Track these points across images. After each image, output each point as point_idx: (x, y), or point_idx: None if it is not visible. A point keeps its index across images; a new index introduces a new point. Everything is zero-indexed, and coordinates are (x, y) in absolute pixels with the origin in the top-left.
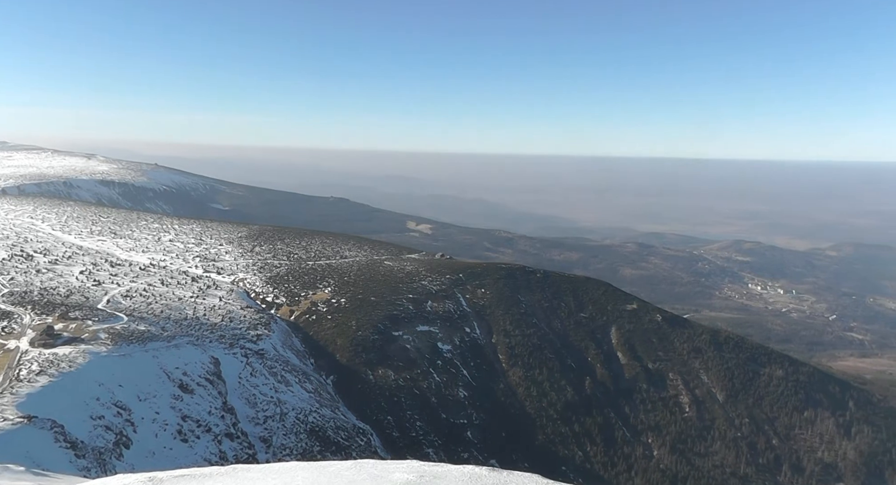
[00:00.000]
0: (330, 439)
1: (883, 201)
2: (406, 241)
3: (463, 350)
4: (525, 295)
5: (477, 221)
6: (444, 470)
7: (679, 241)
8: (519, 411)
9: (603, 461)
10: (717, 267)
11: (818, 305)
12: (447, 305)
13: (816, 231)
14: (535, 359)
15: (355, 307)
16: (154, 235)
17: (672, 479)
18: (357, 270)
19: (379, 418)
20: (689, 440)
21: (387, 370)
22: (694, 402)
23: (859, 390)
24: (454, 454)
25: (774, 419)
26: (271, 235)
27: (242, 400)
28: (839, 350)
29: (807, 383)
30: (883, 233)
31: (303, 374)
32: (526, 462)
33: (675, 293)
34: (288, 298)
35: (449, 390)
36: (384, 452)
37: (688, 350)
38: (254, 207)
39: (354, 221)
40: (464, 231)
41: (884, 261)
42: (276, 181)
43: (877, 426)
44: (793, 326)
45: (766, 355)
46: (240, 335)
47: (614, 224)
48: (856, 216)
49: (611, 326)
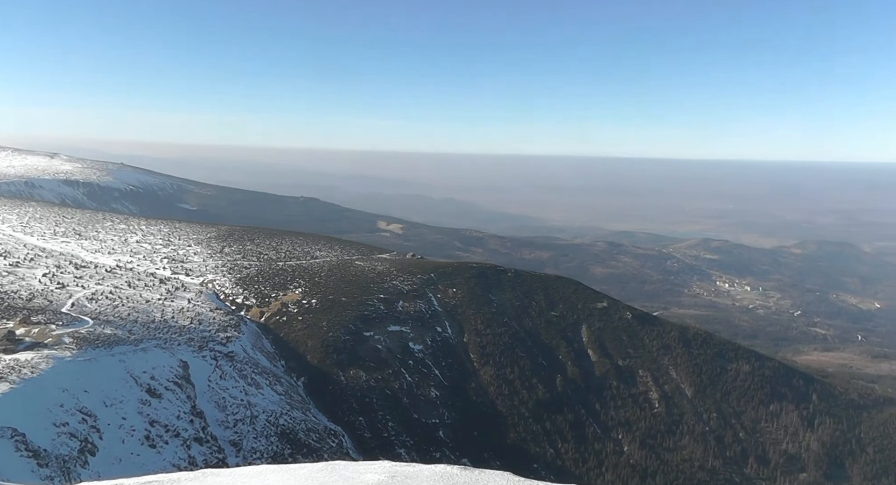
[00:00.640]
0: (301, 442)
1: (845, 200)
2: (377, 241)
3: (434, 350)
4: (496, 294)
5: (447, 220)
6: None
7: (648, 239)
8: (491, 410)
9: (574, 458)
10: (686, 265)
11: (783, 302)
12: (418, 304)
13: (781, 229)
14: (507, 358)
15: (326, 308)
16: (120, 236)
17: (642, 474)
18: (328, 271)
19: (350, 419)
20: (659, 435)
21: (358, 371)
22: (663, 398)
23: (822, 384)
24: (426, 454)
25: (741, 413)
26: (241, 235)
27: (212, 404)
28: (803, 345)
29: (772, 377)
30: (845, 231)
31: (273, 376)
32: (498, 460)
33: (645, 291)
34: (258, 300)
35: (421, 389)
36: (356, 453)
37: (657, 347)
38: (223, 207)
39: (324, 221)
40: (434, 231)
41: (845, 258)
42: (245, 181)
43: (838, 418)
44: (759, 322)
45: (733, 351)
46: (209, 338)
47: (584, 223)
48: (819, 215)
49: (581, 324)
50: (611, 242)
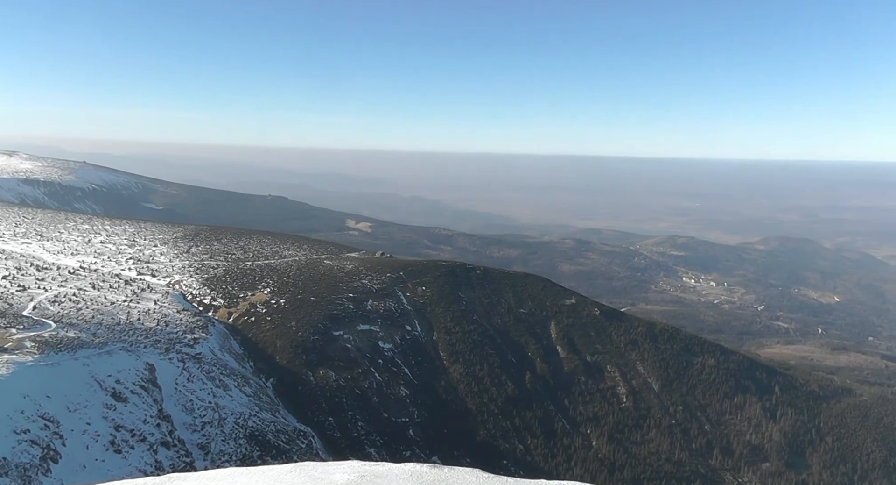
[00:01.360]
0: (270, 443)
1: (806, 197)
2: (345, 239)
3: (404, 348)
4: (465, 292)
5: (416, 218)
6: (384, 469)
7: (616, 237)
8: (460, 408)
9: (543, 453)
10: (653, 262)
11: (747, 297)
12: (388, 303)
13: (745, 226)
14: (476, 355)
15: (295, 308)
16: (84, 236)
17: (610, 467)
18: (296, 270)
19: (320, 419)
20: (626, 429)
21: (327, 371)
22: (631, 392)
23: (784, 376)
24: (396, 453)
25: (706, 406)
26: (208, 235)
27: (179, 407)
28: (766, 338)
29: (736, 370)
30: (806, 227)
31: (242, 377)
32: (468, 458)
33: (613, 288)
34: (226, 300)
35: (390, 388)
36: (326, 454)
37: (625, 342)
38: (189, 207)
39: (293, 219)
40: (403, 229)
41: (807, 254)
42: (212, 179)
43: (799, 409)
44: (724, 316)
45: (698, 345)
46: (176, 339)
47: (552, 221)
48: (781, 212)
49: (550, 320)
50: (579, 239)
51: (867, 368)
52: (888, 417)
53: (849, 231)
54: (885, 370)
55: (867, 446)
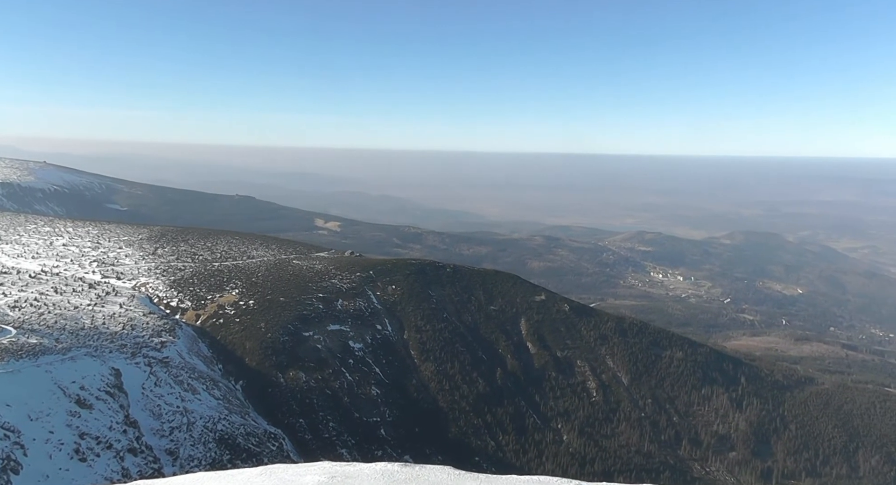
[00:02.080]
0: (240, 447)
1: (770, 193)
2: (314, 239)
3: (375, 348)
4: (435, 290)
5: (385, 217)
6: (355, 469)
7: (584, 233)
8: (432, 406)
9: (515, 449)
10: (621, 257)
11: (714, 290)
12: (358, 302)
13: (711, 222)
14: (447, 353)
15: (264, 309)
16: (45, 239)
17: (581, 461)
18: (265, 271)
19: (291, 421)
20: (597, 423)
21: (298, 372)
22: (601, 386)
23: (750, 367)
24: (368, 453)
25: (675, 398)
26: (174, 236)
27: (146, 412)
28: (733, 331)
29: (704, 362)
30: (769, 221)
31: (211, 380)
32: (440, 455)
33: (582, 284)
34: (193, 302)
35: (361, 388)
36: (297, 455)
37: (594, 338)
38: (154, 207)
39: (261, 219)
40: (372, 228)
41: (770, 247)
42: (178, 179)
43: (764, 398)
44: (691, 310)
45: (667, 339)
46: (143, 343)
47: (521, 218)
48: (746, 207)
49: (520, 317)
50: (548, 236)
51: (828, 357)
52: (848, 404)
53: (811, 225)
54: (845, 359)
55: (828, 432)
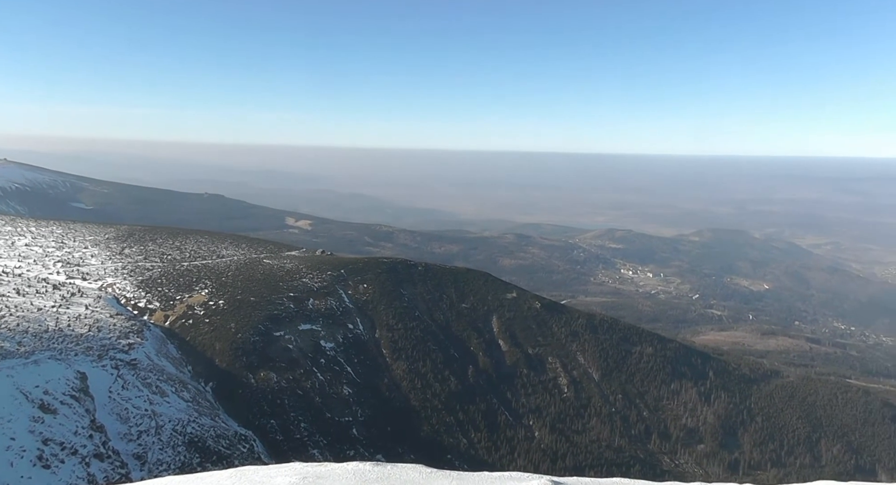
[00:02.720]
0: (210, 449)
1: (738, 191)
2: (285, 237)
3: (346, 347)
4: (407, 288)
5: (357, 215)
6: (327, 470)
7: (555, 231)
8: (404, 405)
9: (487, 446)
10: (592, 254)
11: (683, 286)
12: (329, 301)
13: (680, 219)
14: (419, 351)
15: (234, 309)
16: (6, 239)
17: (552, 457)
18: (235, 270)
19: (262, 422)
20: (568, 419)
21: (269, 372)
22: (572, 382)
23: (717, 361)
24: (340, 453)
25: (645, 393)
26: (142, 235)
27: (113, 416)
28: (701, 326)
29: (673, 357)
30: (737, 219)
31: (180, 382)
32: (412, 454)
33: (553, 281)
34: (162, 303)
35: (333, 388)
36: (268, 457)
37: (565, 334)
38: (121, 206)
39: (230, 218)
40: (344, 226)
41: (738, 244)
42: (145, 177)
43: (731, 392)
44: (661, 306)
45: (637, 335)
46: (109, 346)
47: (493, 216)
48: (714, 205)
49: (492, 315)
50: (519, 234)
51: (793, 350)
52: (811, 395)
53: (777, 222)
54: (809, 352)
55: (793, 423)
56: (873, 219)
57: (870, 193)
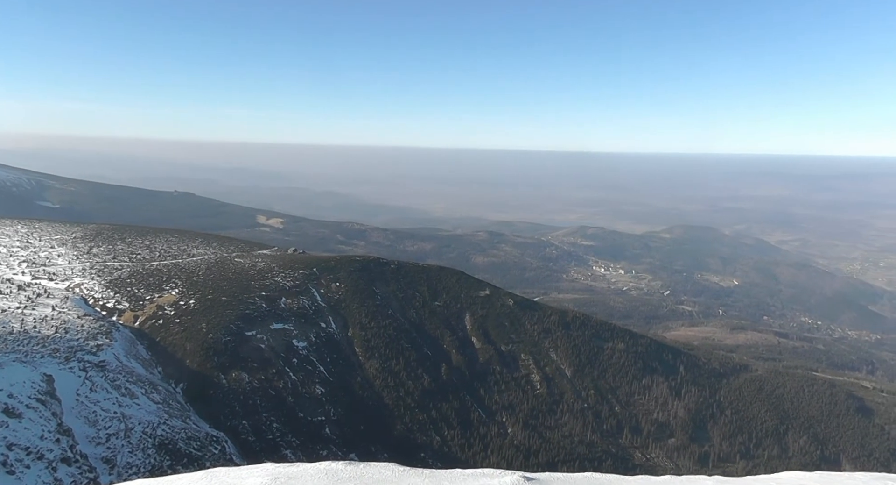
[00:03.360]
0: (181, 452)
1: (708, 188)
2: (257, 236)
3: (319, 346)
4: (380, 287)
5: (329, 213)
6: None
7: (528, 228)
8: (377, 403)
9: (460, 444)
10: (564, 252)
11: (654, 283)
12: (301, 300)
13: (652, 216)
14: (392, 350)
15: (205, 309)
16: None
17: (525, 453)
18: (206, 269)
19: (233, 423)
20: (541, 415)
21: (240, 373)
22: (544, 379)
23: (688, 356)
24: (313, 453)
25: (616, 388)
26: (110, 234)
27: (81, 419)
28: (672, 322)
29: (644, 353)
30: (708, 216)
31: (150, 384)
32: (386, 453)
33: (526, 278)
34: (131, 303)
35: (306, 387)
36: (240, 458)
37: (538, 331)
38: (88, 204)
39: (201, 216)
40: (316, 224)
41: (708, 241)
42: (114, 175)
43: (702, 386)
44: (632, 302)
45: (609, 331)
46: (77, 347)
47: (465, 214)
48: (685, 202)
49: (465, 312)
50: (492, 231)
51: (762, 345)
52: (779, 389)
53: (746, 219)
54: (777, 346)
55: (761, 416)
56: (839, 216)
57: (836, 190)
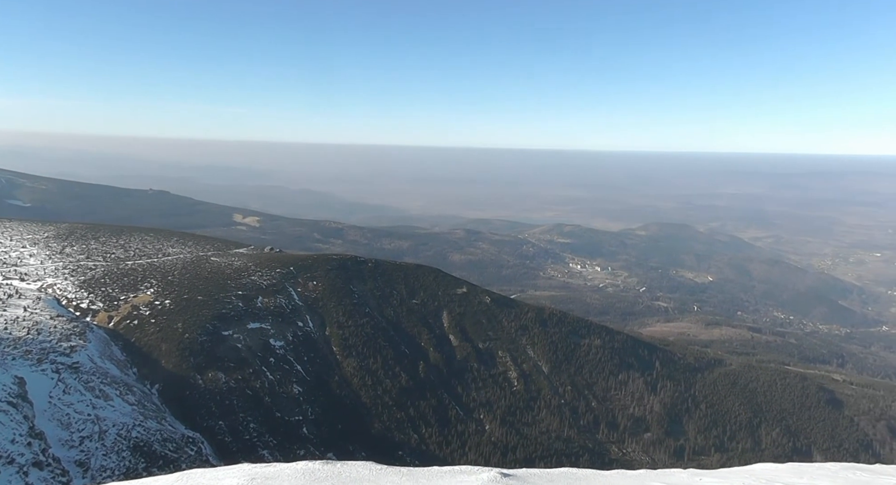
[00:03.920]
0: (157, 454)
1: (683, 186)
2: (233, 235)
3: (296, 345)
4: (357, 285)
5: (306, 212)
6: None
7: (505, 226)
8: (354, 402)
9: (438, 441)
10: (541, 249)
11: (630, 279)
12: (278, 299)
13: (628, 214)
14: (369, 348)
15: (181, 308)
16: None
17: (503, 449)
18: (182, 268)
19: (210, 424)
20: (518, 412)
21: (217, 373)
22: (521, 376)
23: (664, 351)
24: (290, 453)
25: (593, 384)
26: (83, 233)
27: (54, 422)
28: (648, 317)
29: (621, 348)
30: (682, 213)
31: (125, 385)
32: (363, 451)
33: (503, 276)
34: (106, 303)
35: (283, 387)
36: (216, 459)
37: (515, 328)
38: (61, 203)
39: (176, 215)
40: (293, 223)
41: (683, 238)
42: (87, 173)
43: (677, 381)
44: (609, 299)
45: (585, 327)
46: (50, 349)
47: (442, 212)
48: (660, 200)
49: (442, 310)
50: (469, 229)
51: (736, 339)
52: (752, 382)
53: (720, 216)
54: (751, 341)
55: (735, 409)
56: (811, 213)
57: (808, 187)
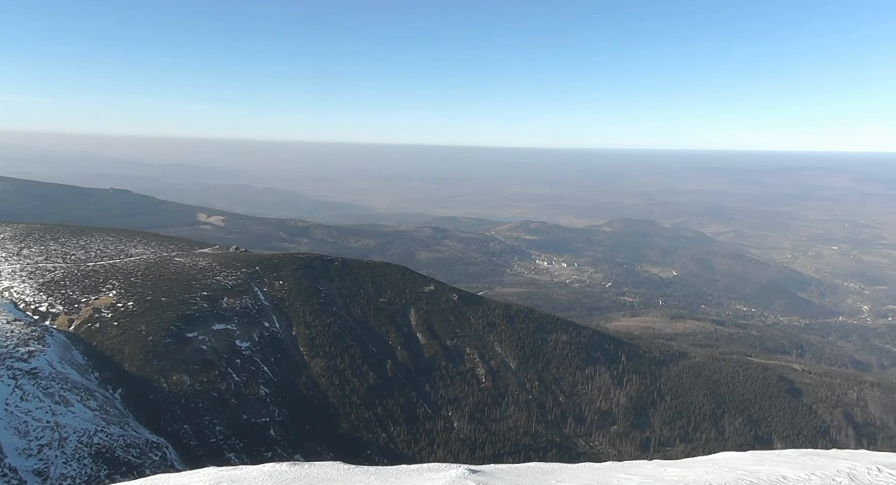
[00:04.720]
0: (119, 460)
1: (647, 183)
2: (197, 234)
3: (262, 346)
4: (324, 284)
5: (271, 210)
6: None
7: (472, 223)
8: (322, 402)
9: (406, 440)
10: (508, 246)
11: (596, 275)
12: (244, 300)
13: (593, 211)
14: (337, 348)
15: (145, 310)
16: None
17: (471, 446)
18: (145, 269)
19: (175, 428)
20: (486, 408)
21: (182, 376)
22: (489, 372)
23: (629, 345)
24: (257, 455)
25: (560, 379)
26: (42, 234)
27: (11, 430)
28: (614, 312)
29: (587, 343)
30: (647, 209)
31: (86, 390)
32: (331, 452)
33: (470, 273)
34: (66, 306)
35: (249, 388)
36: (182, 464)
37: (483, 325)
38: (17, 203)
39: (139, 215)
40: (258, 222)
41: (648, 234)
42: (45, 172)
43: (642, 374)
44: (575, 295)
45: (552, 323)
46: (6, 355)
47: (409, 210)
48: (625, 197)
49: (410, 308)
50: (435, 227)
51: (700, 332)
52: (716, 374)
53: (683, 212)
54: (714, 333)
55: (699, 401)
56: (770, 208)
57: (767, 183)
